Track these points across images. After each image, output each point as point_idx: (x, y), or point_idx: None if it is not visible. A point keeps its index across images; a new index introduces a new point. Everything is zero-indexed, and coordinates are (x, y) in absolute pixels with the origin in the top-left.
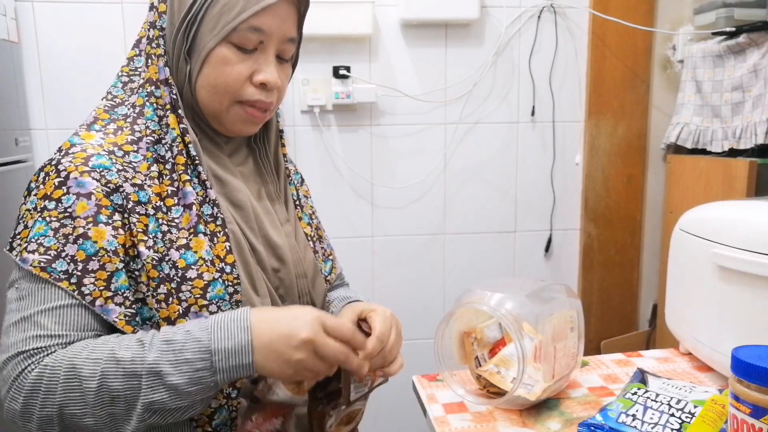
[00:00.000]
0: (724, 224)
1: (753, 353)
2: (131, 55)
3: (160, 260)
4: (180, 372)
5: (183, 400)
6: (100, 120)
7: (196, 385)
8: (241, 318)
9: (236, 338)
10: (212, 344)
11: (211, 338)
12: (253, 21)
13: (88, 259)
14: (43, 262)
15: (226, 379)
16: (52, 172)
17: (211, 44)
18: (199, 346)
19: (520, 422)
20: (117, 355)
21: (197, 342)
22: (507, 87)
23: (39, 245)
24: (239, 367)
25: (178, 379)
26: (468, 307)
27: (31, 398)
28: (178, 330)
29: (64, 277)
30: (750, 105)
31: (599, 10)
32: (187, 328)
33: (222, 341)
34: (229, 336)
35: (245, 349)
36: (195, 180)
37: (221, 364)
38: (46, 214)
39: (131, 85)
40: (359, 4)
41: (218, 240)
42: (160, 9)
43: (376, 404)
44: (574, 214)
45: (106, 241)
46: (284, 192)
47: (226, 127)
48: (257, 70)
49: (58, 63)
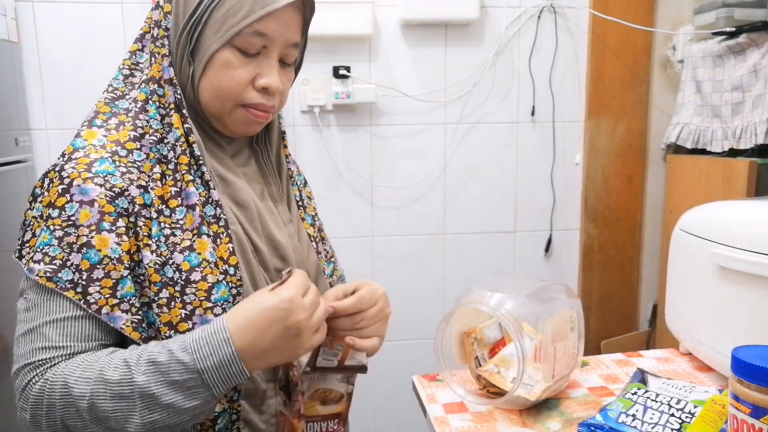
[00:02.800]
0: (724, 224)
1: (753, 353)
2: (133, 48)
3: (163, 264)
4: (173, 391)
5: (183, 415)
6: (101, 114)
7: (193, 400)
8: (217, 330)
9: (220, 353)
10: (197, 364)
11: (194, 358)
12: (257, 26)
13: (93, 267)
14: (49, 272)
15: (223, 390)
16: (56, 178)
17: (215, 47)
18: (184, 368)
19: (520, 422)
20: (105, 376)
21: (181, 364)
22: (507, 87)
23: (44, 255)
24: (232, 377)
25: (171, 398)
26: (468, 307)
27: (37, 410)
28: (162, 350)
29: (70, 286)
30: (750, 105)
31: (599, 10)
32: (170, 347)
33: (206, 359)
34: (213, 352)
35: (232, 360)
36: (198, 180)
37: (213, 380)
38: (50, 222)
39: (132, 79)
40: (359, 4)
41: (221, 241)
42: (166, 9)
43: (377, 404)
44: (574, 214)
45: (110, 249)
46: (287, 193)
47: (228, 128)
48: (259, 75)
49: (58, 63)
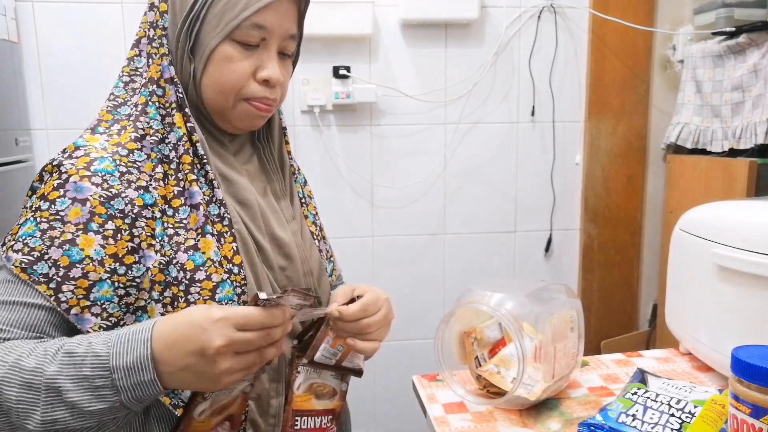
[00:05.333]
0: (724, 224)
1: (753, 353)
2: (131, 55)
3: (167, 264)
4: (80, 388)
5: (87, 419)
6: (103, 122)
7: (99, 404)
8: (142, 329)
9: (135, 352)
10: (111, 360)
11: (110, 353)
12: (255, 18)
13: (71, 265)
14: (24, 263)
15: (131, 398)
16: (54, 172)
17: (214, 42)
18: (98, 362)
19: (520, 422)
20: (21, 363)
21: (96, 357)
22: (507, 87)
23: (24, 245)
24: (142, 385)
25: (77, 396)
26: (468, 307)
27: None
28: (83, 341)
29: (43, 280)
30: (750, 105)
31: (599, 10)
32: (90, 339)
33: (121, 356)
34: (129, 350)
35: (145, 364)
36: (202, 179)
37: (122, 383)
38: (38, 214)
39: (133, 85)
40: (359, 4)
41: (225, 240)
42: (161, 8)
43: (377, 404)
44: (574, 214)
45: (93, 250)
46: (290, 189)
47: (232, 124)
48: (260, 67)
49: (58, 63)
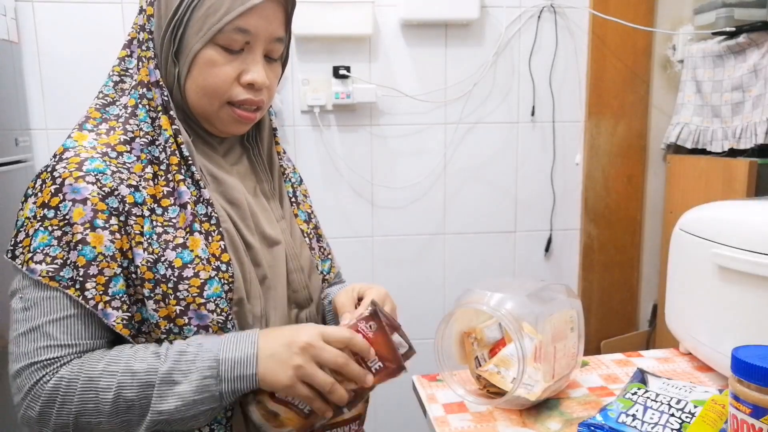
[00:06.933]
0: (724, 224)
1: (753, 353)
2: (122, 55)
3: (155, 262)
4: (189, 381)
5: (189, 410)
6: (91, 119)
7: (202, 394)
8: (250, 333)
9: (243, 350)
10: (221, 354)
11: (221, 349)
12: (239, 22)
13: (89, 264)
14: (51, 272)
15: (230, 389)
16: (48, 179)
17: (198, 46)
18: (209, 356)
19: (520, 422)
20: (133, 368)
21: (208, 352)
22: (507, 87)
23: (45, 255)
24: (243, 378)
25: (186, 387)
26: (468, 307)
27: (48, 406)
28: (192, 342)
29: (70, 284)
30: (750, 105)
31: (599, 10)
32: (200, 341)
33: (230, 351)
34: (237, 347)
35: (250, 361)
36: (189, 180)
37: (227, 374)
38: (47, 223)
39: (122, 86)
40: (359, 4)
41: (213, 239)
42: (148, 12)
43: (377, 404)
44: (574, 214)
45: (104, 246)
46: (279, 189)
47: (217, 128)
48: (245, 71)
49: (58, 63)
